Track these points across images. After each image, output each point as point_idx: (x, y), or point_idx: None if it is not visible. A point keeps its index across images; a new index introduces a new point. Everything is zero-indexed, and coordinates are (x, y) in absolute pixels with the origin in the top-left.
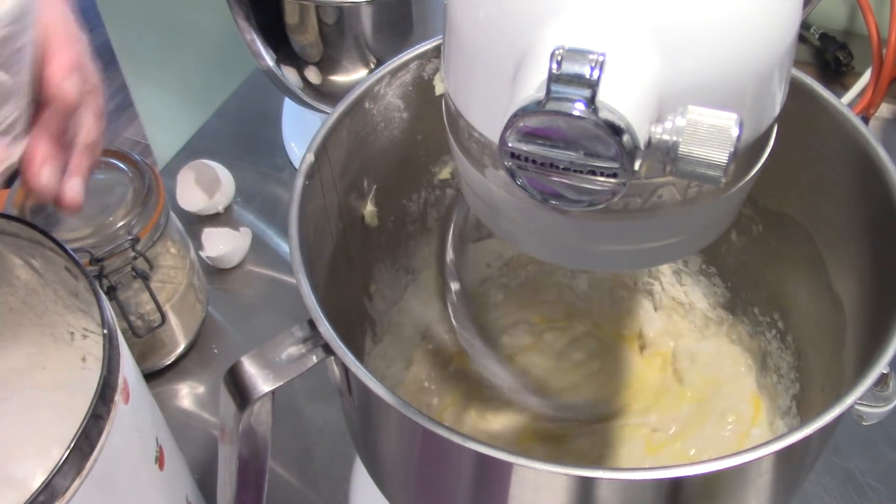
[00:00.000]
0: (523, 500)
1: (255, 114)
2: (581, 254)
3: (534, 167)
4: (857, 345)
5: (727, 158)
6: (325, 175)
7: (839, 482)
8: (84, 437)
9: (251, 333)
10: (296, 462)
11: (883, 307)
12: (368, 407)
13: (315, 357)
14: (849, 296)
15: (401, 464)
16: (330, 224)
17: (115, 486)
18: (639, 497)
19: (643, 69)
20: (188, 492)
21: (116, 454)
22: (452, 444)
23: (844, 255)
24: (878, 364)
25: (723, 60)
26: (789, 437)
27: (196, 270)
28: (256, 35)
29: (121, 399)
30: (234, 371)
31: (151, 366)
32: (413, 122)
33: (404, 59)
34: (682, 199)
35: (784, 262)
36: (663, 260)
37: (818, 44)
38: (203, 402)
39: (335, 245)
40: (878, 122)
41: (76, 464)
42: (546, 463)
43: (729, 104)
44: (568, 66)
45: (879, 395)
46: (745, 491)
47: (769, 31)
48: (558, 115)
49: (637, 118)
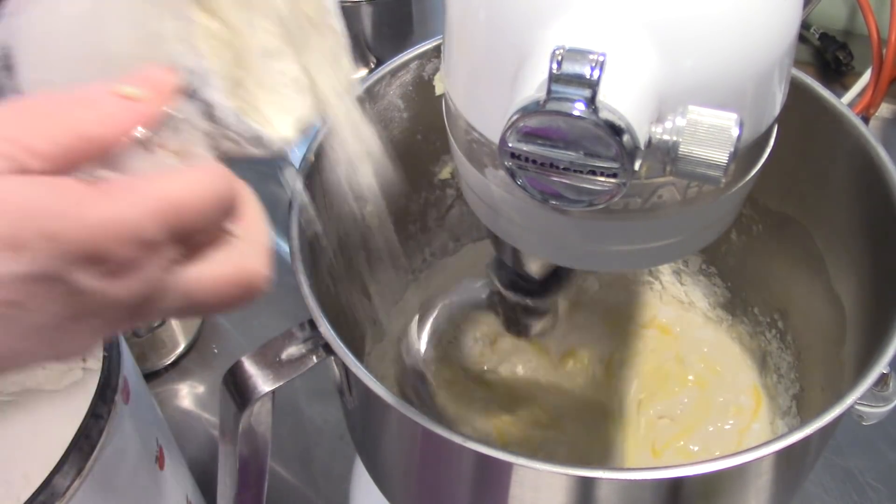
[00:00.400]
0: (523, 500)
1: None
2: (581, 254)
3: (534, 167)
4: (857, 345)
5: (727, 158)
6: (325, 175)
7: (839, 482)
8: (84, 437)
9: (251, 333)
10: (296, 462)
11: (883, 307)
12: (368, 407)
13: (315, 357)
14: (849, 296)
15: (401, 464)
16: (330, 224)
17: (115, 486)
18: (639, 497)
19: (643, 69)
20: (188, 492)
21: (116, 454)
22: (452, 444)
23: (844, 255)
24: (878, 364)
25: (723, 60)
26: (789, 437)
27: None
28: None
29: (121, 399)
30: (234, 371)
31: (151, 366)
32: (413, 122)
33: (404, 59)
34: (682, 199)
35: (784, 262)
36: (663, 260)
37: (818, 44)
38: (203, 402)
39: (335, 245)
40: (878, 122)
41: (76, 464)
42: (546, 463)
43: (729, 104)
44: (568, 66)
45: (879, 395)
46: (745, 491)
47: (769, 31)
48: (558, 115)
49: (637, 118)
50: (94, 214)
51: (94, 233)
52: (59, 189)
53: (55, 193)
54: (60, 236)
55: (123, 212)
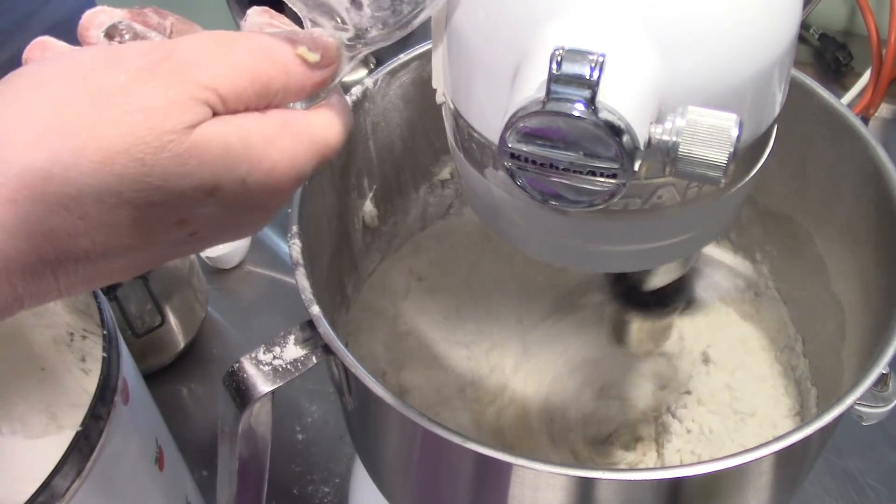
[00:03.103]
0: (523, 500)
1: None
2: (580, 254)
3: (534, 168)
4: (856, 345)
5: (727, 159)
6: (325, 175)
7: (839, 482)
8: (84, 437)
9: (251, 334)
10: (296, 462)
11: (883, 307)
12: (368, 407)
13: (315, 357)
14: (848, 296)
15: (400, 464)
16: (330, 224)
17: (114, 486)
18: (639, 497)
19: (643, 70)
20: (188, 492)
21: (116, 454)
22: (452, 444)
23: (844, 255)
24: (878, 364)
25: (722, 61)
26: (789, 437)
27: (196, 270)
28: None
29: (120, 400)
30: (234, 372)
31: (151, 366)
32: (413, 122)
33: (404, 59)
34: (681, 199)
35: (784, 262)
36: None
37: (818, 44)
38: (203, 402)
39: (335, 245)
40: (878, 122)
41: (76, 464)
42: (546, 463)
43: (728, 105)
44: (568, 66)
45: (879, 395)
46: (745, 491)
47: (769, 32)
48: (558, 115)
49: (637, 119)
50: (277, 160)
51: (272, 175)
52: (249, 138)
53: (246, 141)
54: (249, 181)
55: (298, 156)
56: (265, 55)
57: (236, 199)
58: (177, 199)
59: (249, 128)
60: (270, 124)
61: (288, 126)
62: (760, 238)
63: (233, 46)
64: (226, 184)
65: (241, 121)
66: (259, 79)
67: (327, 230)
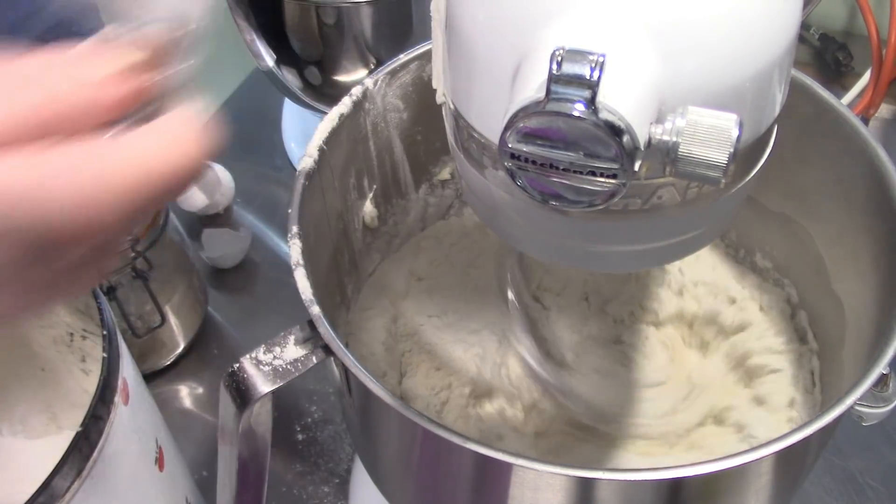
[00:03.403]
0: (523, 501)
1: (254, 114)
2: (581, 254)
3: (534, 168)
4: (856, 345)
5: (727, 159)
6: (324, 175)
7: (839, 482)
8: (84, 437)
9: (251, 334)
10: (296, 462)
11: (883, 308)
12: (368, 407)
13: (315, 357)
14: (848, 296)
15: (400, 464)
16: (330, 224)
17: (114, 486)
18: (639, 497)
19: (643, 70)
20: (188, 492)
21: (116, 455)
22: (452, 445)
23: (844, 255)
24: (878, 364)
25: (722, 61)
26: (789, 437)
27: (196, 271)
28: (256, 35)
29: (120, 400)
30: (234, 372)
31: (151, 366)
32: (413, 122)
33: (404, 59)
34: (681, 199)
35: (784, 262)
36: (663, 260)
37: (818, 44)
38: (203, 402)
39: (335, 245)
40: (878, 122)
41: (76, 464)
42: (546, 463)
43: (729, 105)
44: (568, 66)
45: (879, 396)
46: (745, 491)
47: (769, 32)
48: (558, 115)
49: (637, 119)
50: (67, 194)
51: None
52: (36, 169)
53: (30, 174)
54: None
55: (83, 195)
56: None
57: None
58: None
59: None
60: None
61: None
62: (760, 238)
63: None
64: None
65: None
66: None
67: (327, 230)
